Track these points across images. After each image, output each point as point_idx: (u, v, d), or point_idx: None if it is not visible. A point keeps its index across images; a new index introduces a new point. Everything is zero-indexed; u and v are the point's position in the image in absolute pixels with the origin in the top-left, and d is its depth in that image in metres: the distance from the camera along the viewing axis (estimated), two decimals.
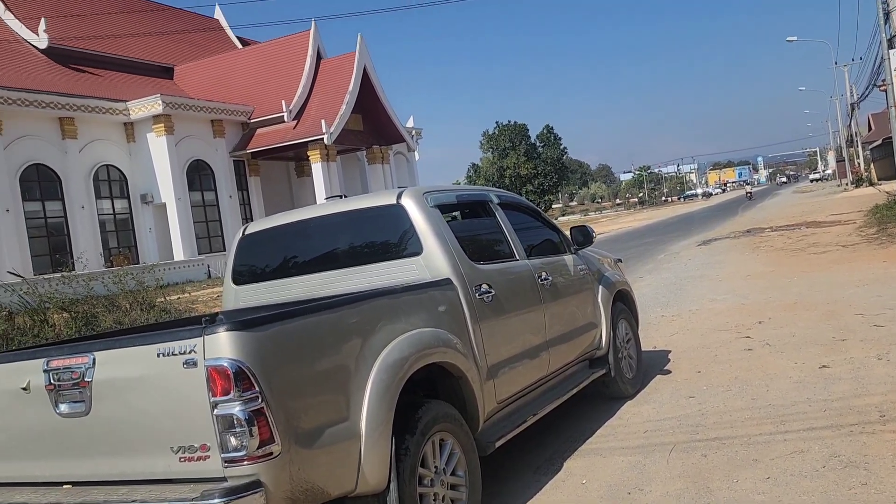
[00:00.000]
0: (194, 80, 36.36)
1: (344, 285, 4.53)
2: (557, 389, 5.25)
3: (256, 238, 5.08)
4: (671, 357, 7.30)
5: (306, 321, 3.28)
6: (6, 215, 24.90)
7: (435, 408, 3.77)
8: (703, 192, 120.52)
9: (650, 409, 5.71)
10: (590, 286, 6.01)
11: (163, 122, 29.33)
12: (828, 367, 6.06)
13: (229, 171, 32.80)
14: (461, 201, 5.15)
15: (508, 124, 74.10)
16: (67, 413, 3.19)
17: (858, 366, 5.98)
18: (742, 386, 5.90)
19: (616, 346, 6.12)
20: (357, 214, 4.75)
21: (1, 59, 29.08)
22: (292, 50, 35.24)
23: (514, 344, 4.69)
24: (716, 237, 22.93)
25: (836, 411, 4.95)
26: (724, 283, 12.08)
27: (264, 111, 33.19)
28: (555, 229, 6.08)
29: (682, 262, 16.88)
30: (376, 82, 34.75)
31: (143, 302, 14.75)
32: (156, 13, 41.61)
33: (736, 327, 8.25)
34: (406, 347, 3.64)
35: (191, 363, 2.90)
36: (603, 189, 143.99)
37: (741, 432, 4.83)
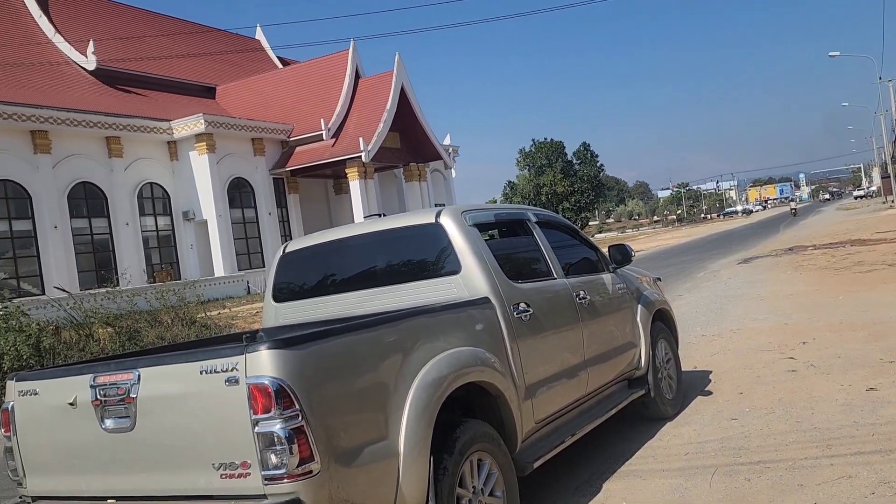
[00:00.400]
0: (236, 100, 37.03)
1: (383, 303, 4.56)
2: (596, 410, 5.20)
3: (297, 256, 5.14)
4: (712, 378, 7.18)
5: (346, 339, 3.30)
6: (54, 232, 25.54)
7: (473, 427, 3.76)
8: (743, 209, 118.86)
9: (691, 431, 5.62)
10: (628, 305, 5.96)
11: (205, 141, 29.88)
12: (875, 390, 5.91)
13: (269, 189, 33.25)
14: (499, 220, 5.15)
15: (545, 141, 74.03)
16: (113, 428, 3.26)
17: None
18: (786, 408, 5.78)
19: (655, 365, 6.04)
20: (396, 233, 4.79)
21: (51, 81, 29.97)
22: (331, 69, 35.71)
23: (552, 363, 4.66)
24: (757, 255, 22.56)
25: (885, 435, 4.82)
26: (765, 303, 11.86)
27: (303, 129, 33.63)
28: (593, 248, 6.04)
29: (722, 280, 16.63)
30: (414, 100, 35.00)
31: (185, 317, 15.00)
32: (199, 35, 42.56)
33: (779, 348, 8.09)
34: (444, 366, 3.64)
35: (233, 381, 2.94)
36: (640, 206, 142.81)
37: (786, 456, 4.73)
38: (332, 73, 35.49)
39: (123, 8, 40.03)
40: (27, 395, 3.60)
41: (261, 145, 32.79)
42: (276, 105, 35.44)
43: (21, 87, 27.59)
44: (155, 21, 40.81)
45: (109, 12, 38.22)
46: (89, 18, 36.14)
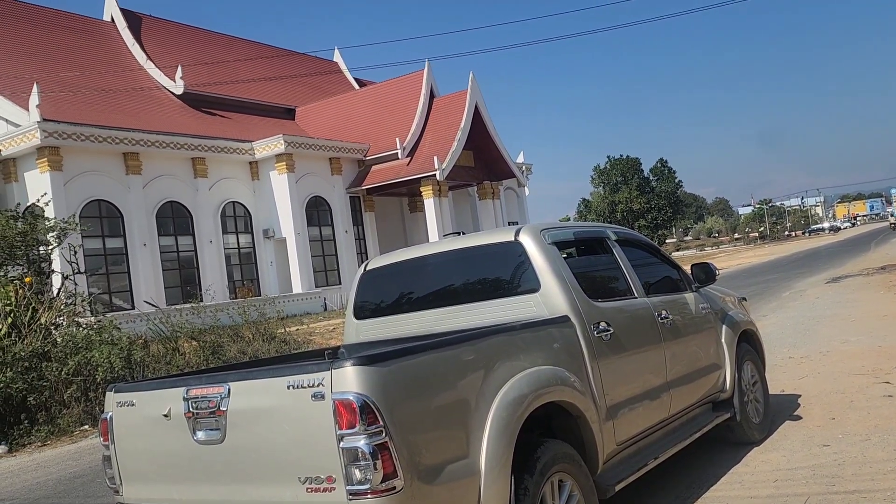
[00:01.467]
0: (314, 121, 38.00)
1: (462, 321, 4.58)
2: (679, 432, 5.07)
3: (377, 274, 5.22)
4: (801, 402, 6.91)
5: (427, 357, 3.33)
6: (143, 249, 26.66)
7: (554, 447, 3.73)
8: (830, 226, 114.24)
9: (780, 457, 5.42)
10: (712, 325, 5.81)
11: (284, 161, 30.73)
12: None
13: (345, 207, 33.89)
14: (578, 238, 5.12)
15: (620, 158, 73.14)
16: (204, 440, 3.37)
17: None
18: (883, 435, 5.51)
19: (741, 388, 5.86)
20: (475, 251, 4.81)
21: (142, 105, 31.45)
22: (406, 89, 36.26)
23: (633, 384, 4.58)
24: (846, 274, 21.65)
25: None
26: (857, 324, 11.35)
27: (379, 149, 34.19)
28: (674, 266, 5.92)
29: (809, 300, 16.01)
30: (487, 119, 35.14)
31: (265, 333, 15.40)
32: (279, 58, 43.95)
33: (873, 371, 7.73)
34: (525, 385, 3.62)
35: (319, 396, 3.00)
36: (720, 223, 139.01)
37: (883, 486, 4.50)
38: (407, 93, 36.04)
39: (209, 34, 41.78)
40: (125, 406, 3.76)
41: (338, 164, 33.49)
42: (353, 125, 36.19)
43: (114, 111, 29.04)
44: (238, 46, 42.39)
45: (196, 39, 39.97)
46: (177, 45, 37.82)
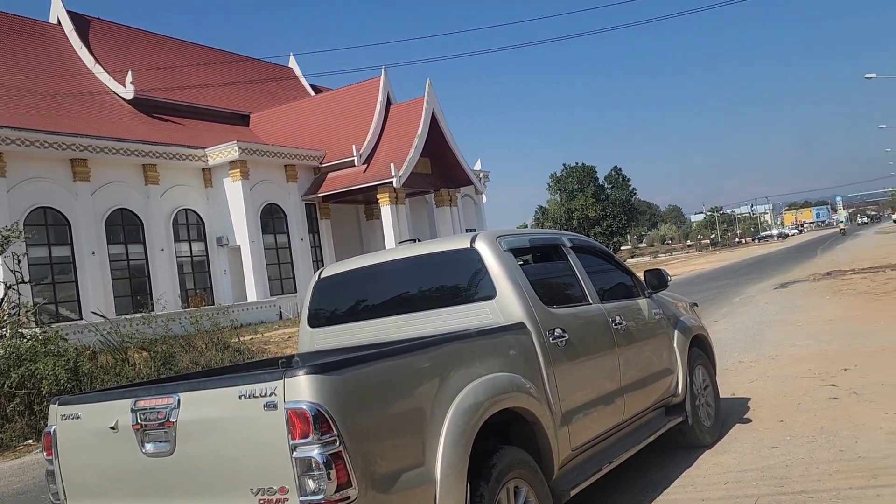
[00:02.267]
0: (269, 127, 37.61)
1: (418, 329, 4.56)
2: (633, 437, 5.13)
3: (332, 281, 5.17)
4: (751, 405, 7.05)
5: (382, 365, 3.30)
6: (92, 258, 26.02)
7: (509, 454, 3.73)
8: (778, 233, 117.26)
9: (730, 459, 5.51)
10: (665, 331, 5.89)
11: (239, 168, 30.34)
12: None
13: (301, 215, 33.59)
14: (534, 245, 5.15)
15: (576, 166, 73.86)
16: (153, 452, 3.29)
17: None
18: (829, 436, 5.64)
19: (693, 392, 5.95)
20: (431, 258, 4.80)
21: (90, 110, 30.73)
22: (363, 96, 36.15)
23: (588, 389, 4.62)
24: (794, 280, 22.20)
25: None
26: (804, 328, 11.64)
27: (335, 156, 33.99)
28: (628, 273, 6.00)
29: (758, 305, 16.37)
30: (444, 126, 35.23)
31: (218, 342, 15.15)
32: (234, 64, 43.39)
33: (819, 374, 7.92)
34: (481, 392, 3.62)
35: (271, 406, 2.95)
36: (673, 230, 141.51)
37: (829, 486, 4.61)
38: (363, 99, 35.93)
39: (160, 38, 41.07)
40: (69, 419, 3.65)
41: (293, 172, 33.19)
42: (309, 132, 35.94)
43: (61, 116, 28.33)
44: (191, 51, 41.74)
45: (147, 43, 39.23)
46: (128, 49, 37.08)
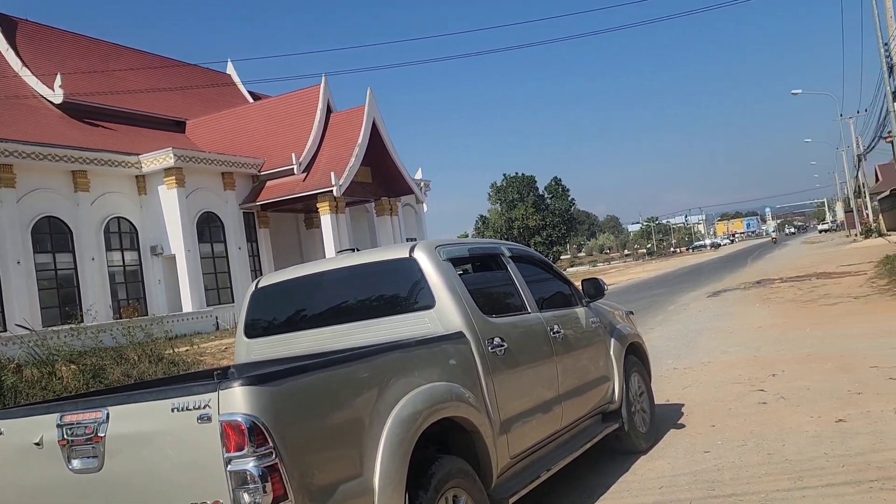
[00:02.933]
0: (206, 134, 36.94)
1: (356, 339, 4.53)
2: (571, 444, 5.19)
3: (269, 291, 5.09)
4: (685, 411, 7.21)
5: (320, 376, 3.27)
6: (17, 267, 25.06)
7: (448, 463, 3.73)
8: (711, 242, 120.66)
9: (665, 464, 5.63)
10: (602, 339, 5.99)
11: (174, 175, 29.69)
12: (845, 422, 5.98)
13: (239, 223, 33.06)
14: (473, 254, 5.17)
15: (516, 176, 74.61)
16: (80, 469, 3.18)
17: (876, 420, 5.90)
18: (758, 440, 5.82)
19: (629, 399, 6.06)
20: (369, 268, 4.78)
21: (17, 115, 29.64)
22: (303, 104, 35.83)
23: (526, 398, 4.65)
24: (725, 288, 22.85)
25: (855, 467, 4.87)
26: (735, 335, 11.99)
27: (274, 164, 33.59)
28: (566, 282, 6.08)
29: (692, 313, 16.79)
30: (385, 135, 35.20)
31: (152, 354, 14.72)
32: (169, 69, 42.51)
33: (749, 380, 8.17)
34: (419, 402, 3.62)
35: (205, 418, 2.89)
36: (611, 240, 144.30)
37: (758, 488, 4.75)
38: (303, 107, 35.62)
39: (92, 42, 39.91)
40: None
41: (231, 180, 32.66)
42: (247, 139, 35.43)
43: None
44: (124, 55, 40.71)
45: (78, 46, 38.07)
46: (57, 52, 35.94)
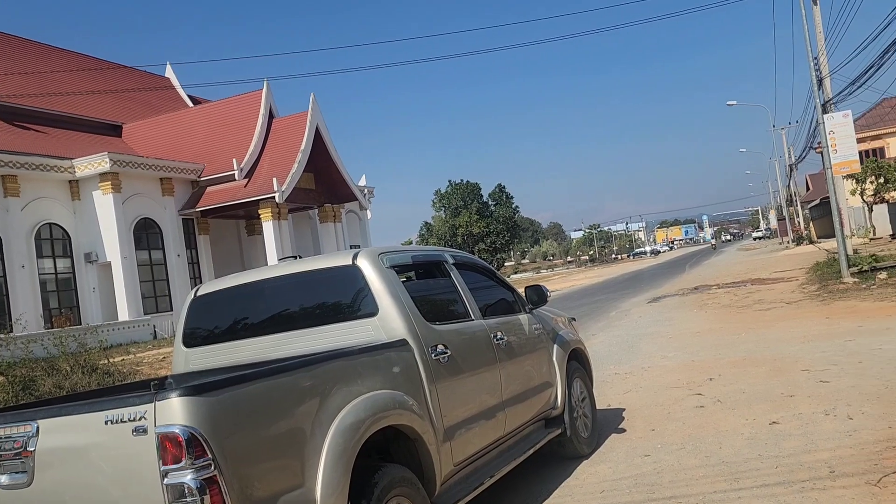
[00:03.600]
0: (144, 138, 36.06)
1: (298, 347, 4.47)
2: (514, 450, 5.22)
3: (208, 300, 4.99)
4: (625, 415, 7.33)
5: (260, 385, 3.21)
6: None
7: (391, 472, 3.71)
8: (651, 249, 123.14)
9: (606, 469, 5.70)
10: (545, 345, 6.04)
11: (109, 180, 28.91)
12: (778, 424, 6.16)
13: (178, 230, 32.37)
14: (416, 262, 5.16)
15: (461, 183, 74.97)
16: (8, 484, 3.06)
17: (807, 421, 6.09)
18: (696, 443, 5.95)
19: (571, 405, 6.12)
20: (312, 275, 4.73)
21: None
22: (244, 109, 35.31)
23: (470, 405, 4.66)
24: (665, 294, 23.34)
25: (788, 467, 5.02)
26: (674, 341, 12.25)
27: (215, 169, 33.00)
28: (509, 289, 6.12)
29: (633, 319, 17.10)
30: (329, 141, 34.96)
31: (85, 365, 14.27)
32: (105, 71, 41.39)
33: (688, 384, 8.35)
34: (362, 410, 3.59)
35: (140, 430, 2.81)
36: (554, 247, 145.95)
37: (696, 490, 4.85)
38: (245, 112, 35.11)
39: (23, 42, 38.59)
40: None
41: (170, 185, 31.97)
42: (187, 144, 34.73)
43: None
44: (58, 56, 39.48)
45: (7, 46, 36.76)
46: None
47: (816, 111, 21.29)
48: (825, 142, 19.69)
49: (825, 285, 17.67)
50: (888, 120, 45.42)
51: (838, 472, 4.76)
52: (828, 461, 5.01)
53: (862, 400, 6.49)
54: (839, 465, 4.89)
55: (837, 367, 8.05)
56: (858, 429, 5.65)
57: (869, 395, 6.65)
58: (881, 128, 46.10)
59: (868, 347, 8.94)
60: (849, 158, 19.28)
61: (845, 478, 4.65)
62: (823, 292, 16.44)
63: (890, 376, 7.23)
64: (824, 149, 20.11)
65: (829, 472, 4.79)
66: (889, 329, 10.13)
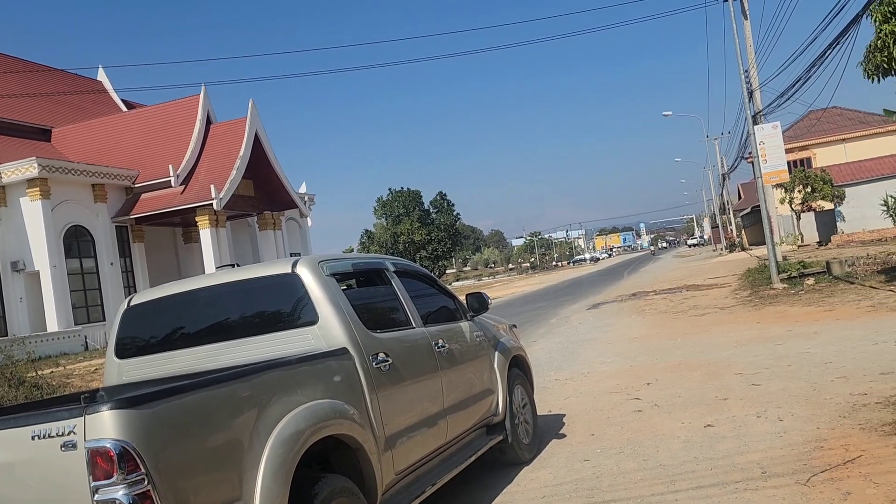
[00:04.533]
0: (75, 143, 34.96)
1: (236, 357, 4.38)
2: (456, 457, 5.21)
3: (143, 309, 4.86)
4: (566, 421, 7.41)
5: (196, 397, 3.14)
6: None
7: (332, 482, 3.67)
8: (590, 256, 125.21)
9: (547, 474, 5.75)
10: (486, 352, 6.06)
11: (38, 186, 27.94)
12: (712, 427, 6.31)
13: (111, 238, 31.46)
14: (357, 269, 5.13)
15: (402, 190, 74.83)
16: None
17: (740, 424, 6.26)
18: (634, 447, 6.05)
19: (513, 411, 6.16)
20: (250, 284, 4.64)
21: None
22: (181, 114, 34.58)
23: (411, 413, 4.64)
24: (604, 301, 23.73)
25: (722, 469, 5.15)
26: (613, 346, 12.45)
27: (150, 175, 32.22)
28: (451, 296, 6.13)
29: (573, 325, 17.32)
30: (268, 147, 34.51)
31: (12, 378, 13.72)
32: (34, 73, 40.00)
33: (626, 389, 8.49)
34: (302, 420, 3.54)
35: (70, 445, 2.71)
36: (496, 254, 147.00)
37: (634, 494, 4.93)
38: (181, 117, 34.38)
39: None
40: None
41: (102, 191, 31.07)
42: (121, 150, 33.81)
43: None
44: None
45: None
46: None
47: (747, 122, 21.99)
48: (756, 152, 20.36)
49: (756, 291, 18.24)
50: (815, 131, 47.21)
51: (769, 473, 4.91)
52: (760, 462, 5.15)
53: (791, 402, 6.71)
54: (770, 466, 5.04)
55: (768, 370, 8.31)
56: (788, 430, 5.84)
57: (798, 397, 6.87)
58: (808, 139, 47.87)
59: (797, 351, 9.25)
60: (778, 168, 19.97)
61: (776, 478, 4.79)
62: (755, 298, 16.96)
63: (817, 379, 7.49)
64: (755, 159, 20.78)
65: (761, 473, 4.93)
66: (816, 333, 10.51)
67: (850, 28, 13.69)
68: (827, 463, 4.90)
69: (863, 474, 4.59)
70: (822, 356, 8.62)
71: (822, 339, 9.93)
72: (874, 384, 6.85)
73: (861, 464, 4.79)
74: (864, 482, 4.46)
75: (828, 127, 47.37)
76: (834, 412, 6.14)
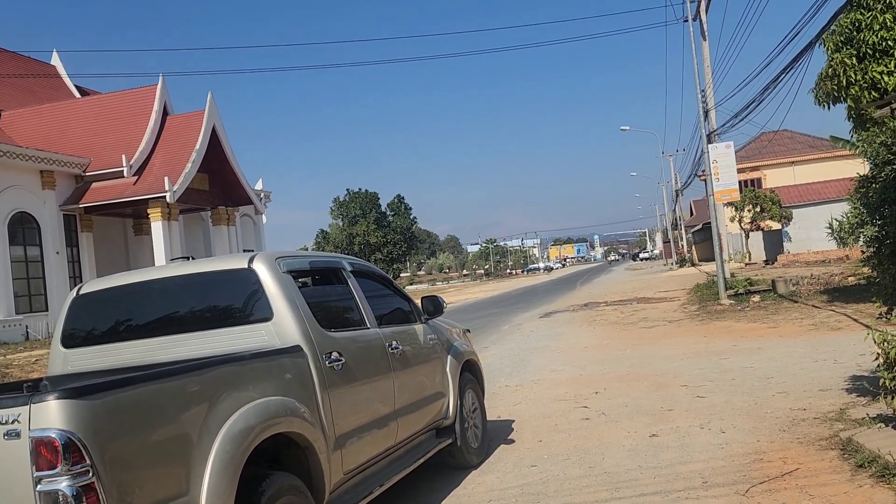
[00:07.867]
0: (24, 128, 33.96)
1: (188, 350, 4.33)
2: (405, 459, 5.23)
3: (92, 298, 4.76)
4: (515, 426, 7.48)
5: (146, 389, 3.10)
6: None
7: (280, 480, 3.65)
8: (545, 265, 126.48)
9: (494, 479, 5.80)
10: (439, 356, 6.09)
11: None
12: (657, 436, 6.44)
13: (58, 226, 30.62)
14: (314, 268, 5.11)
15: (359, 192, 74.60)
16: None
17: (684, 434, 6.40)
18: (580, 454, 6.14)
19: (463, 415, 6.20)
20: (205, 277, 4.60)
21: None
22: (137, 103, 33.84)
23: (362, 413, 4.64)
24: (556, 310, 23.97)
25: (665, 478, 5.25)
26: (563, 355, 12.60)
27: (102, 164, 31.47)
28: (406, 298, 6.14)
29: (525, 333, 17.46)
30: (225, 142, 34.03)
31: None
32: None
33: (575, 397, 8.60)
34: (252, 417, 3.51)
35: (13, 434, 2.66)
36: (451, 260, 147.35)
37: (579, 500, 5.00)
38: (137, 107, 33.66)
39: None
40: None
41: (51, 178, 30.24)
42: (72, 136, 32.96)
43: None
44: None
45: None
46: None
47: (702, 141, 22.48)
48: (709, 170, 20.83)
49: (704, 306, 18.63)
50: (766, 152, 48.50)
51: (711, 483, 5.03)
52: (701, 472, 5.28)
53: (734, 415, 6.88)
54: (712, 476, 5.16)
55: (713, 383, 8.50)
56: (730, 442, 5.99)
57: (740, 410, 7.05)
58: (759, 160, 49.15)
59: (741, 365, 9.48)
60: (730, 187, 20.47)
61: (717, 488, 4.91)
62: (703, 312, 17.33)
63: (759, 393, 7.70)
64: (708, 176, 21.26)
65: (702, 483, 5.05)
66: (760, 349, 10.79)
67: (804, 54, 14.12)
68: (765, 475, 5.04)
69: (799, 486, 4.74)
70: (765, 371, 8.85)
71: (766, 354, 10.20)
72: (813, 400, 7.06)
73: (798, 476, 4.94)
74: (800, 494, 4.61)
75: (778, 149, 48.68)
76: (774, 426, 6.32)
